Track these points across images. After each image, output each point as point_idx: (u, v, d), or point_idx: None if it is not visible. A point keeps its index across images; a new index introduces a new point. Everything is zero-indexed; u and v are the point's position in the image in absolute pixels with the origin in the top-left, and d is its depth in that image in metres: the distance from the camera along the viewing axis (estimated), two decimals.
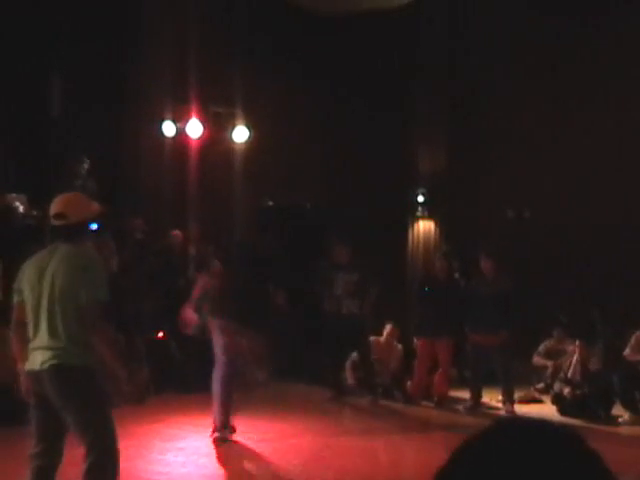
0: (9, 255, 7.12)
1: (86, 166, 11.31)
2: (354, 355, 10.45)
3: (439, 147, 13.40)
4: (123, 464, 4.58)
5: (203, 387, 9.96)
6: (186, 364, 10.08)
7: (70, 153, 11.73)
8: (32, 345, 4.58)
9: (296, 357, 11.21)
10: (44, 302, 4.54)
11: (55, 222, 4.73)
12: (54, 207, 4.76)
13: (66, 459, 4.61)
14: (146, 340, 9.96)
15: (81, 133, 12.04)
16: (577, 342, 10.02)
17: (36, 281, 4.59)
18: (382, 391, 10.33)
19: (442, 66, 13.41)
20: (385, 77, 13.23)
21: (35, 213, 10.61)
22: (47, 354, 4.49)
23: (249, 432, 8.15)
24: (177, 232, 11.83)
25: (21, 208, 10.27)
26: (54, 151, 11.70)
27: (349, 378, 10.50)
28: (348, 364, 10.53)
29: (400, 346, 10.67)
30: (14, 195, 10.39)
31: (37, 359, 4.52)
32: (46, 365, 4.47)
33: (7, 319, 5.74)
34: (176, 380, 9.97)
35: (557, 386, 10.10)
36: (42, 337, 4.53)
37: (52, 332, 4.50)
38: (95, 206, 4.89)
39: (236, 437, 7.82)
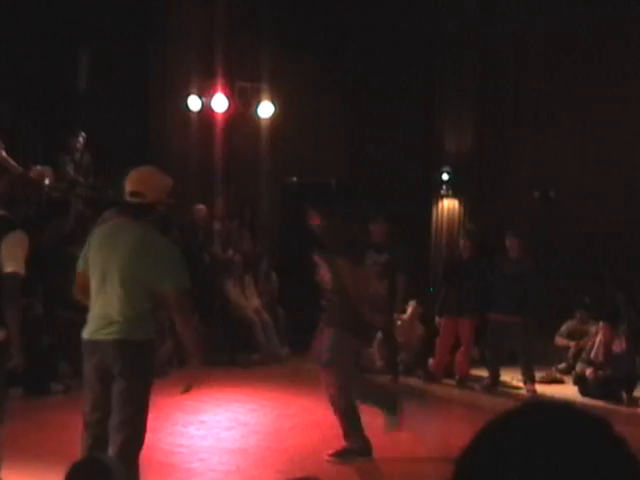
0: (35, 227, 7.15)
1: (82, 140, 11.24)
2: (380, 334, 10.39)
3: (465, 125, 13.30)
4: (146, 436, 4.62)
5: (226, 361, 10.04)
6: (209, 337, 10.12)
7: (96, 127, 11.75)
8: (94, 313, 4.54)
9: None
10: (113, 277, 4.48)
11: (130, 199, 4.58)
12: (131, 184, 4.60)
13: None
14: (169, 314, 9.97)
15: (107, 107, 12.07)
16: (601, 323, 9.96)
17: (105, 254, 4.52)
18: (404, 369, 10.33)
19: (470, 44, 13.28)
20: (413, 54, 13.12)
21: (60, 185, 10.66)
22: (113, 326, 4.45)
23: (270, 407, 8.20)
24: (202, 206, 11.83)
25: (47, 180, 10.31)
26: (80, 125, 11.73)
27: (376, 357, 10.46)
28: (375, 343, 10.49)
29: (421, 326, 10.64)
30: (40, 167, 10.43)
31: (100, 329, 4.49)
32: (111, 337, 4.44)
33: (32, 291, 5.77)
34: None
35: (579, 367, 10.06)
36: (107, 308, 4.48)
37: (119, 306, 4.46)
38: (169, 181, 4.74)
39: (257, 411, 7.87)
